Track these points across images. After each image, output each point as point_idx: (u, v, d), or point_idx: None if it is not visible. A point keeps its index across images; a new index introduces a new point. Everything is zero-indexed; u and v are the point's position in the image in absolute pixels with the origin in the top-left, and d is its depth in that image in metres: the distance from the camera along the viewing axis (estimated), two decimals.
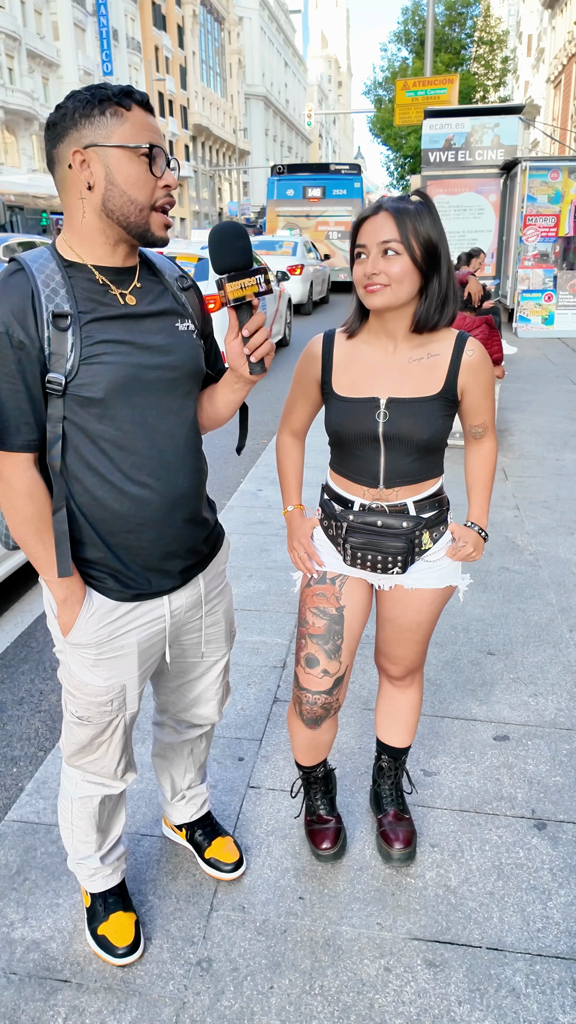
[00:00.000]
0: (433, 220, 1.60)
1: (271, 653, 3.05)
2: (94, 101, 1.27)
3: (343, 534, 1.79)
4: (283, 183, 19.73)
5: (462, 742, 2.54)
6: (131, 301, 1.40)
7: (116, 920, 1.80)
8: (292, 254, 14.97)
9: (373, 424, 1.69)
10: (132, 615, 1.53)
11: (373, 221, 1.59)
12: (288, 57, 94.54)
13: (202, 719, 1.88)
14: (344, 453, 1.78)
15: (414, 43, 25.05)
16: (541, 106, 41.33)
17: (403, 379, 1.69)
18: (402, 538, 1.75)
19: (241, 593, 3.55)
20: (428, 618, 1.90)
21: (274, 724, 2.62)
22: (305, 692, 1.86)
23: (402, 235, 1.56)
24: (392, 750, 2.12)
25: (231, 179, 68.85)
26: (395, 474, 1.73)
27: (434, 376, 1.69)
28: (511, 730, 2.59)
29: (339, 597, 1.84)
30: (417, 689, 2.08)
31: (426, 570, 1.84)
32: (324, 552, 1.87)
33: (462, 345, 1.69)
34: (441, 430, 1.70)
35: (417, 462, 1.73)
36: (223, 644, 1.81)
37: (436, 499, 1.80)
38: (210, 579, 1.69)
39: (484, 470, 1.87)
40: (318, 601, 1.85)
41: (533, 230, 12.22)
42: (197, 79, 59.46)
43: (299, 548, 1.89)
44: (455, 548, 1.83)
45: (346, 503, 1.80)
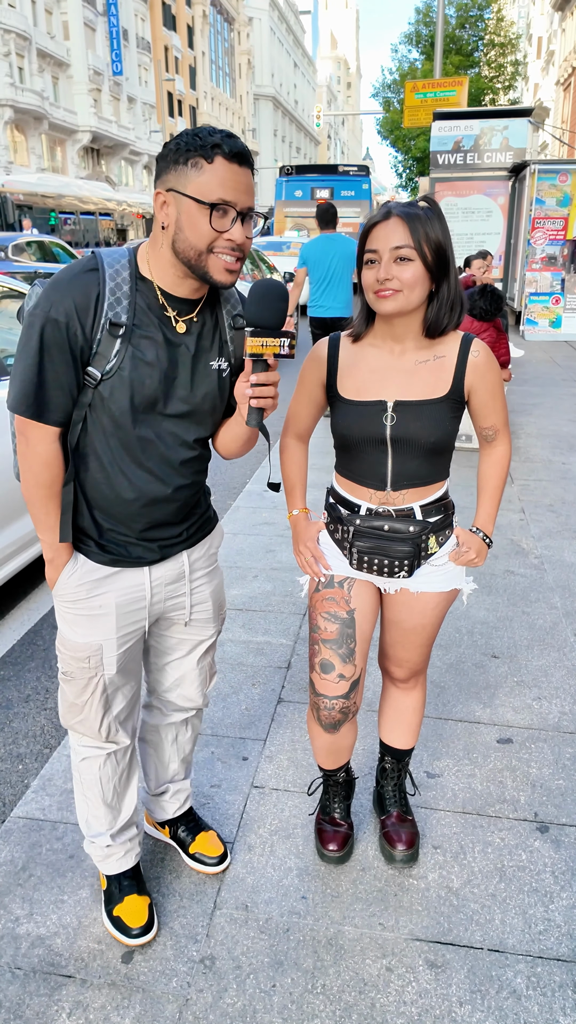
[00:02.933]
0: (442, 225, 1.62)
1: (276, 654, 3.06)
2: (183, 149, 1.35)
3: (349, 538, 1.80)
4: (291, 184, 19.73)
5: (465, 745, 2.54)
6: (181, 329, 1.51)
7: (130, 902, 1.86)
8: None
9: (380, 427, 1.71)
10: (112, 579, 1.64)
11: (384, 227, 1.60)
12: (297, 58, 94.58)
13: (187, 700, 1.92)
14: (351, 456, 1.79)
15: (424, 45, 25.06)
16: (550, 108, 41.26)
17: (410, 382, 1.71)
18: (409, 542, 1.76)
19: (246, 593, 3.57)
20: (433, 621, 1.91)
21: (278, 724, 2.63)
22: (322, 698, 1.87)
23: (415, 240, 1.58)
24: (395, 752, 2.13)
25: None
26: (402, 477, 1.75)
27: (441, 378, 1.70)
28: (515, 733, 2.60)
29: (348, 600, 1.85)
30: (421, 691, 2.09)
31: (431, 574, 1.85)
32: (330, 556, 1.89)
33: (468, 346, 1.71)
34: (449, 432, 1.72)
35: (424, 465, 1.74)
36: (209, 625, 1.85)
37: (442, 503, 1.81)
38: (196, 558, 1.76)
39: (494, 475, 1.87)
40: (328, 605, 1.86)
41: (541, 233, 12.22)
42: (206, 79, 59.52)
43: (305, 552, 1.90)
44: (458, 553, 1.84)
45: (352, 507, 1.81)
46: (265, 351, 1.37)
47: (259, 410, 1.44)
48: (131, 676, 1.74)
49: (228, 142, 1.36)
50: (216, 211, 1.36)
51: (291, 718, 2.66)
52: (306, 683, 2.86)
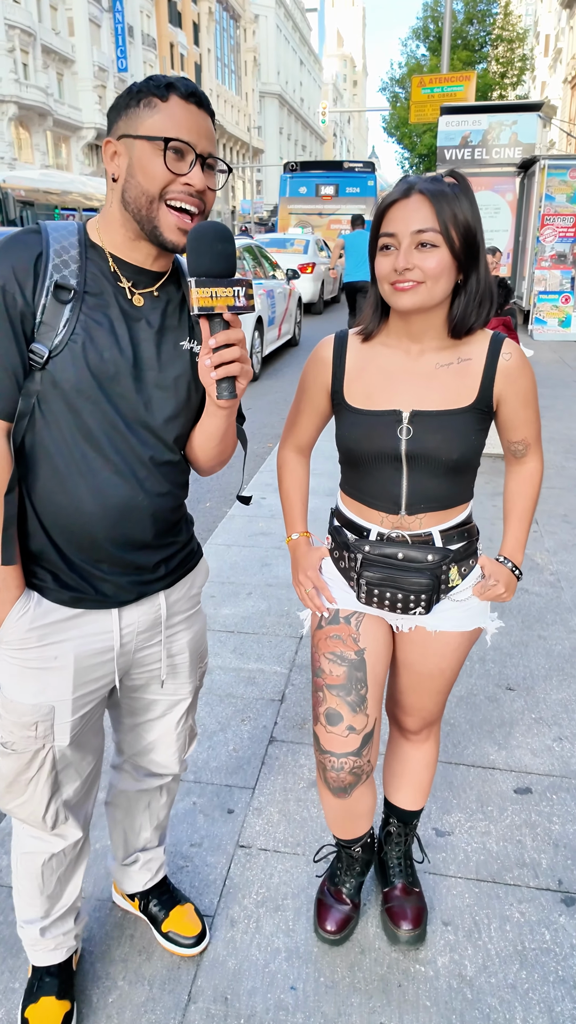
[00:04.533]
0: (471, 204, 1.36)
1: (269, 684, 2.78)
2: (134, 92, 1.20)
3: (357, 568, 1.54)
4: (295, 180, 19.43)
5: (479, 795, 2.26)
6: (138, 302, 1.28)
7: (45, 1006, 1.57)
8: (303, 252, 14.70)
9: (394, 441, 1.45)
10: (72, 623, 1.35)
11: (404, 206, 1.35)
12: (303, 56, 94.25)
13: (160, 767, 1.64)
14: (359, 474, 1.53)
15: (432, 40, 24.73)
16: (557, 106, 40.90)
17: (429, 388, 1.45)
18: (427, 574, 1.50)
19: (238, 613, 3.29)
20: (452, 665, 1.64)
21: (269, 769, 2.35)
22: (329, 756, 1.58)
23: (440, 223, 1.33)
24: (402, 813, 1.85)
25: (244, 177, 68.63)
26: (419, 499, 1.48)
27: (466, 384, 1.45)
28: (534, 781, 2.32)
29: (357, 639, 1.58)
30: (433, 744, 1.81)
31: (452, 610, 1.58)
32: (335, 587, 1.62)
33: (497, 347, 1.45)
34: (474, 448, 1.46)
35: (445, 485, 1.48)
36: (187, 681, 1.57)
37: (465, 528, 1.55)
38: (176, 600, 1.47)
39: (524, 496, 1.61)
40: (333, 645, 1.59)
41: (551, 230, 11.91)
42: (212, 77, 59.25)
43: (307, 583, 1.64)
44: (484, 586, 1.58)
45: (361, 531, 1.55)
46: (216, 303, 1.13)
47: (230, 380, 1.19)
48: (88, 749, 1.45)
49: (183, 82, 1.19)
50: (172, 151, 1.18)
51: (283, 761, 2.38)
52: (300, 719, 2.58)
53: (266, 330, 8.87)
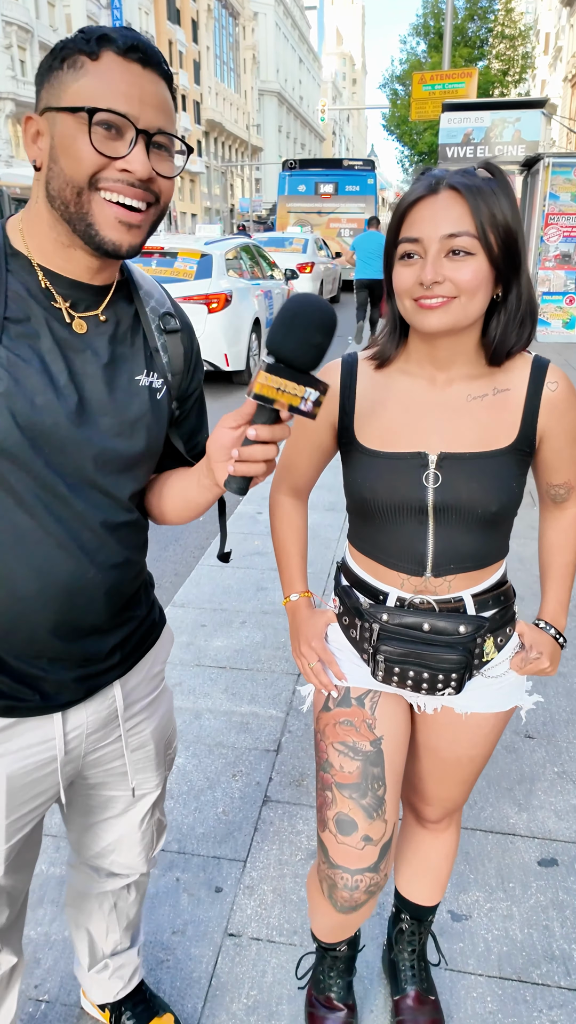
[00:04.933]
0: (511, 202, 1.11)
1: (264, 730, 2.52)
2: (57, 50, 0.92)
3: (373, 640, 1.28)
4: (294, 178, 19.17)
5: (499, 868, 2.01)
6: (79, 327, 1.00)
7: None
8: (302, 251, 14.44)
9: (419, 490, 1.20)
10: (5, 737, 1.07)
11: (431, 204, 1.10)
12: (303, 54, 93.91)
13: (125, 868, 1.38)
14: (374, 527, 1.28)
15: (432, 37, 24.44)
16: (558, 105, 40.63)
17: (460, 425, 1.20)
18: (458, 649, 1.24)
19: (231, 646, 3.03)
20: (484, 751, 1.39)
21: (263, 836, 2.09)
22: (340, 872, 1.29)
23: (478, 225, 1.09)
24: (417, 910, 1.60)
25: (243, 175, 68.38)
26: (448, 558, 1.24)
27: (504, 420, 1.20)
28: (560, 850, 2.06)
29: (373, 725, 1.32)
30: (454, 832, 1.56)
31: (485, 687, 1.33)
32: (345, 659, 1.36)
33: (541, 375, 1.20)
34: (515, 497, 1.21)
35: (479, 541, 1.24)
36: (153, 774, 1.30)
37: (501, 591, 1.30)
38: (133, 687, 1.21)
39: (566, 548, 1.36)
40: (344, 733, 1.32)
41: (555, 229, 11.65)
42: (211, 74, 58.93)
43: (310, 655, 1.37)
44: (524, 659, 1.33)
45: (375, 595, 1.30)
46: (279, 398, 0.89)
47: (245, 477, 0.94)
48: (25, 868, 1.19)
49: (123, 33, 0.90)
50: (101, 125, 0.89)
51: (279, 827, 2.12)
52: (298, 774, 2.32)
53: (264, 332, 8.62)
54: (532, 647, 1.33)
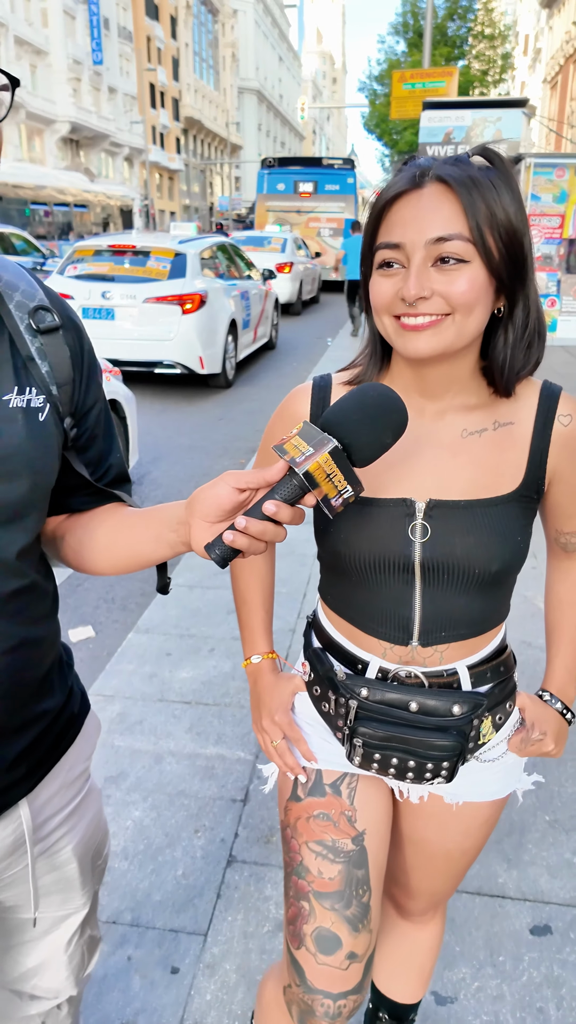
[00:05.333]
0: (515, 198, 0.91)
1: (231, 776, 2.31)
2: None
3: (349, 720, 1.07)
4: (273, 176, 18.95)
5: (487, 937, 1.82)
6: None
7: None
8: (281, 251, 14.22)
9: (404, 544, 1.00)
10: None
11: (415, 201, 0.90)
12: (283, 52, 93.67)
13: (50, 992, 1.15)
14: (351, 586, 1.08)
15: (412, 36, 24.33)
16: (537, 106, 40.76)
17: (455, 467, 1.01)
18: (452, 733, 1.04)
19: (197, 677, 2.81)
20: (477, 843, 1.20)
21: (227, 904, 1.88)
22: (320, 998, 1.07)
23: (473, 226, 0.89)
24: (397, 1008, 1.40)
25: (223, 173, 68.03)
26: (439, 625, 1.04)
27: (507, 460, 1.01)
28: (554, 914, 1.88)
29: (353, 818, 1.11)
30: (440, 923, 1.37)
31: (480, 772, 1.13)
32: (314, 733, 1.16)
33: (552, 406, 1.01)
34: (519, 553, 1.02)
35: (476, 605, 1.04)
36: (78, 893, 1.08)
37: (501, 661, 1.11)
38: (47, 800, 0.98)
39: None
40: (319, 830, 1.12)
41: (537, 231, 11.52)
42: (190, 71, 58.53)
43: (274, 731, 1.17)
44: (526, 740, 1.13)
45: (353, 663, 1.10)
46: (324, 485, 0.80)
47: (232, 549, 0.79)
48: None
49: None
50: None
51: (244, 892, 1.92)
52: (267, 829, 2.11)
53: (240, 333, 8.40)
54: (535, 725, 1.14)
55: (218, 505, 0.80)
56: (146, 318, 7.04)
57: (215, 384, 7.91)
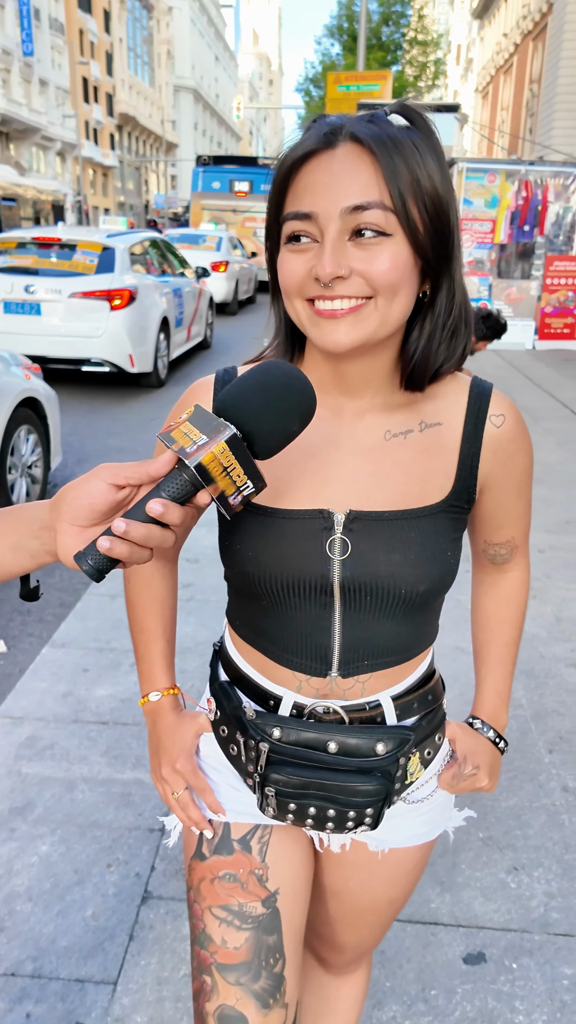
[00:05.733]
0: (440, 163, 0.79)
1: (147, 804, 2.15)
2: None
3: (260, 767, 0.93)
4: (208, 174, 18.72)
5: (419, 969, 1.71)
6: None
7: None
8: (216, 249, 14.04)
9: (321, 562, 0.88)
10: None
11: (327, 163, 0.78)
12: (219, 52, 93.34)
13: None
14: (259, 610, 0.95)
15: (347, 39, 24.47)
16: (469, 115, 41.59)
17: (377, 474, 0.89)
18: (376, 776, 0.91)
19: (115, 695, 2.64)
20: (406, 891, 1.09)
21: (140, 946, 1.73)
22: None
23: (395, 194, 0.77)
24: None
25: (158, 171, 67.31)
26: (361, 653, 0.92)
27: (435, 466, 0.90)
28: (488, 940, 1.79)
29: (264, 876, 0.98)
30: (365, 971, 1.25)
31: (408, 815, 1.01)
32: (221, 780, 1.03)
33: (483, 405, 0.90)
34: (449, 569, 0.90)
35: (402, 629, 0.92)
36: None
37: (429, 688, 0.99)
38: None
39: (508, 623, 1.07)
40: (227, 893, 0.98)
41: (468, 235, 11.66)
42: (124, 67, 57.68)
43: (174, 780, 1.03)
44: (458, 774, 1.02)
45: (265, 698, 0.97)
46: (220, 481, 0.69)
47: (112, 560, 0.68)
48: None
49: None
50: None
51: (160, 932, 1.77)
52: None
53: (173, 332, 8.20)
54: (467, 759, 1.02)
55: (90, 505, 0.68)
56: (72, 314, 6.79)
57: (147, 383, 7.70)
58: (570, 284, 10.17)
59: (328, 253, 0.76)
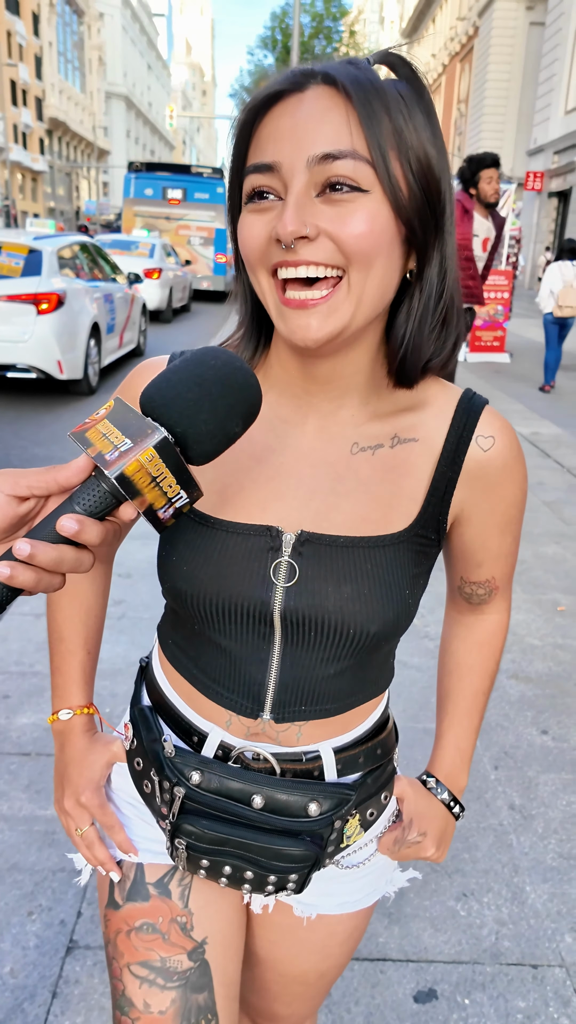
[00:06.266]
0: (430, 120, 0.68)
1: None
2: None
3: (171, 815, 0.81)
4: (141, 181, 18.47)
5: (367, 1012, 1.61)
6: None
7: None
8: (149, 256, 13.81)
9: (262, 587, 0.76)
10: None
11: (294, 106, 0.66)
12: (152, 60, 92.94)
13: None
14: (192, 633, 0.83)
15: (280, 51, 24.64)
16: None
17: (337, 492, 0.77)
18: (303, 841, 0.79)
19: (39, 723, 2.46)
20: (338, 962, 0.97)
21: (64, 1004, 1.57)
22: None
23: (372, 143, 0.64)
24: None
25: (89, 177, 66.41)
26: (299, 696, 0.80)
27: (403, 488, 0.78)
28: (438, 976, 1.69)
29: (188, 925, 0.86)
30: None
31: (340, 880, 0.90)
32: (133, 815, 0.91)
33: (470, 422, 0.78)
34: (405, 611, 0.78)
35: (348, 673, 0.80)
36: None
37: (379, 740, 0.88)
38: None
39: (478, 672, 0.94)
40: (144, 947, 0.86)
41: None
42: (54, 71, 56.77)
43: (79, 814, 0.91)
44: (400, 840, 0.90)
45: (188, 733, 0.85)
46: (148, 493, 0.57)
47: (8, 588, 0.57)
48: None
49: None
50: None
51: (87, 987, 1.61)
52: None
53: (105, 338, 7.97)
54: (413, 823, 0.90)
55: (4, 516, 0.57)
56: None
57: (76, 391, 7.45)
58: (500, 298, 10.36)
59: (290, 208, 0.64)
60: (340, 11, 24.72)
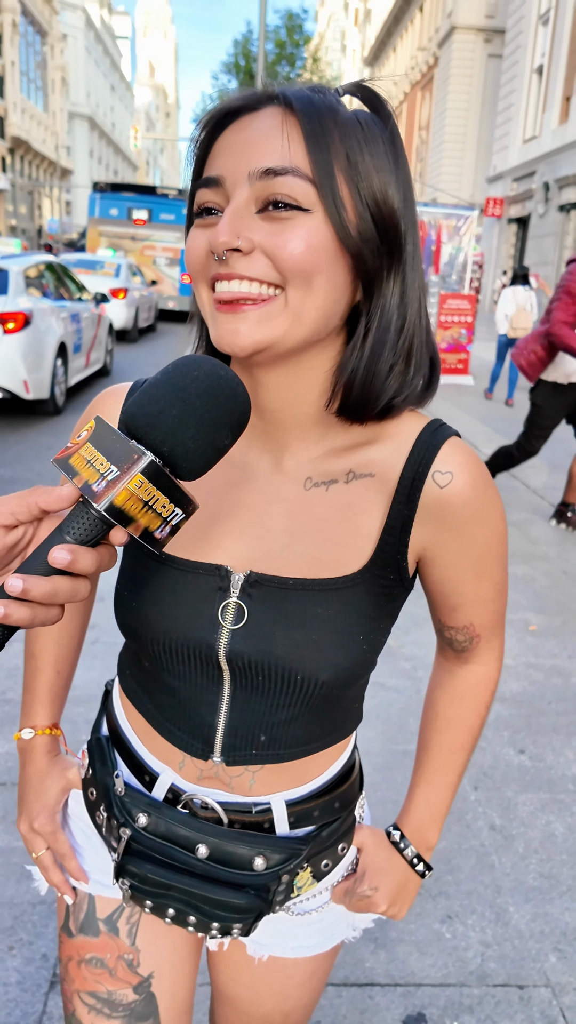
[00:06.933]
0: (392, 148, 0.68)
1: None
2: None
3: (118, 854, 0.80)
4: (106, 201, 18.49)
5: None
6: None
7: None
8: (115, 276, 13.78)
9: (209, 629, 0.74)
10: None
11: (247, 124, 0.65)
12: (115, 81, 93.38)
13: None
14: (145, 671, 0.82)
15: (244, 76, 24.96)
16: None
17: (289, 531, 0.75)
18: (247, 893, 0.78)
19: (13, 752, 2.40)
20: (303, 1003, 0.95)
21: None
22: None
23: (316, 163, 0.63)
24: None
25: (52, 196, 66.22)
26: (249, 740, 0.78)
27: (358, 527, 0.75)
28: (427, 999, 1.69)
29: (135, 962, 0.86)
30: None
31: (291, 924, 0.88)
32: (87, 845, 0.90)
33: (428, 456, 0.73)
34: (361, 659, 0.75)
35: (301, 720, 0.78)
36: None
37: (339, 793, 0.85)
38: None
39: (459, 725, 0.88)
40: (93, 979, 0.86)
41: None
42: (16, 90, 56.65)
43: (33, 839, 0.90)
44: (355, 893, 0.88)
45: (141, 771, 0.83)
46: (141, 518, 0.55)
47: (4, 627, 0.55)
48: None
49: None
50: None
51: None
52: None
53: (71, 358, 7.92)
54: (366, 876, 0.87)
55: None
56: None
57: (42, 411, 7.38)
58: (463, 321, 10.55)
59: (225, 219, 0.63)
60: (303, 38, 25.19)
